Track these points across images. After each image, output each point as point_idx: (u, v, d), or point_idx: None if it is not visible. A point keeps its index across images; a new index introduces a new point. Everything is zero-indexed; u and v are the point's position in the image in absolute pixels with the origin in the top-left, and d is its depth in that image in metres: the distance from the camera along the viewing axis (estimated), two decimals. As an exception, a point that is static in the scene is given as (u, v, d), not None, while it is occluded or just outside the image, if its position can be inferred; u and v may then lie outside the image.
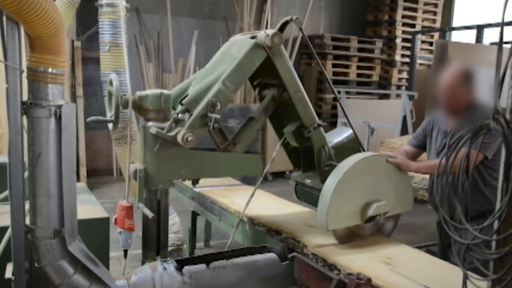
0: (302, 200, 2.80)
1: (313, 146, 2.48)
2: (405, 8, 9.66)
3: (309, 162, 2.57)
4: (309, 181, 2.59)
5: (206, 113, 2.15)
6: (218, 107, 2.17)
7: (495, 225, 1.33)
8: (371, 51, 9.61)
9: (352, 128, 2.64)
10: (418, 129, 2.96)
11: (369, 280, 1.88)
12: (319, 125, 2.45)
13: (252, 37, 2.30)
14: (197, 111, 2.16)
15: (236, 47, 2.37)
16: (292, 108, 2.41)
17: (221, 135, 2.39)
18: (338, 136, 2.66)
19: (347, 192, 2.27)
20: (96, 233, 2.65)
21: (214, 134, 2.36)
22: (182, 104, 2.24)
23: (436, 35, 9.74)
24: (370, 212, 2.31)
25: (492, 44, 8.06)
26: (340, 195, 2.25)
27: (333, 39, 9.22)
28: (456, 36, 9.07)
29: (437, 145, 2.71)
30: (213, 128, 2.15)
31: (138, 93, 2.30)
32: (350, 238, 2.39)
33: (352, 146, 2.59)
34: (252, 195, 2.75)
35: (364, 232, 2.44)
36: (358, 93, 9.37)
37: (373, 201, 2.32)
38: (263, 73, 2.45)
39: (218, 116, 2.15)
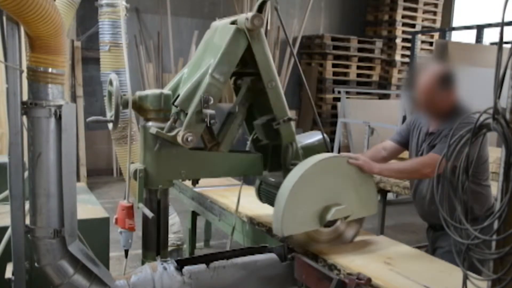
0: (264, 202, 2.67)
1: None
2: (405, 8, 9.67)
3: (277, 162, 2.48)
4: (272, 179, 2.49)
5: (201, 110, 2.13)
6: (211, 102, 2.14)
7: (495, 225, 1.33)
8: (371, 51, 9.61)
9: (322, 132, 2.52)
10: (403, 125, 2.82)
11: (369, 280, 1.88)
12: (289, 119, 2.36)
13: (233, 22, 2.25)
14: (191, 109, 2.14)
15: (218, 35, 2.32)
16: (265, 100, 2.34)
17: (210, 134, 2.35)
18: (309, 138, 2.56)
19: (304, 195, 2.15)
20: (96, 233, 2.65)
21: (203, 133, 2.31)
22: (176, 106, 2.22)
23: (436, 35, 9.74)
24: (329, 216, 2.18)
25: (492, 44, 8.06)
26: (297, 198, 2.13)
27: (333, 39, 9.23)
28: (456, 36, 9.07)
29: (418, 147, 2.60)
30: (210, 124, 2.13)
31: (138, 93, 2.30)
32: (308, 244, 2.29)
33: (322, 150, 2.46)
34: (239, 193, 2.73)
35: (321, 238, 2.31)
36: (358, 93, 9.38)
37: (333, 205, 2.20)
38: (240, 61, 2.34)
39: (213, 112, 2.13)
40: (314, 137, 2.55)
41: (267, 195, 2.59)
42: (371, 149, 2.99)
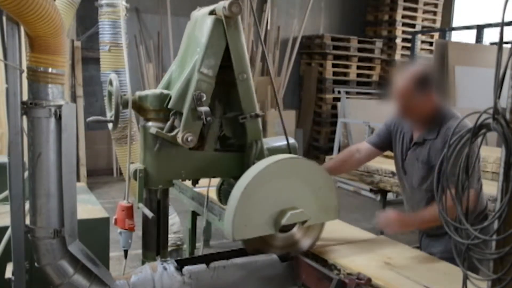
0: (223, 203, 2.56)
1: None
2: (405, 8, 9.69)
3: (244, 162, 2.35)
4: (233, 180, 2.34)
5: (195, 108, 2.10)
6: (204, 98, 2.11)
7: (495, 225, 1.33)
8: (371, 51, 9.62)
9: (286, 136, 2.39)
10: (382, 127, 2.66)
11: (369, 280, 1.88)
12: (257, 115, 2.25)
13: (211, 12, 2.18)
14: (186, 109, 2.12)
15: (199, 28, 2.26)
16: (236, 95, 2.24)
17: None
18: (278, 141, 2.44)
19: (258, 197, 2.02)
20: (96, 233, 2.65)
21: None
22: (168, 109, 2.19)
23: (436, 35, 9.76)
24: (284, 220, 2.05)
25: (492, 44, 8.07)
26: (250, 200, 2.00)
27: (333, 39, 9.24)
28: (456, 36, 9.09)
29: (402, 155, 2.51)
30: (206, 121, 2.09)
31: (138, 93, 2.30)
32: (261, 249, 2.17)
33: (290, 153, 2.35)
34: (207, 192, 2.74)
35: (276, 243, 2.18)
36: (358, 93, 9.39)
37: (289, 209, 2.07)
38: None
39: (208, 109, 2.10)
40: (284, 141, 2.43)
41: (226, 196, 2.42)
42: (343, 152, 2.84)
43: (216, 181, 3.46)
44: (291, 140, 2.44)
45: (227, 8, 2.06)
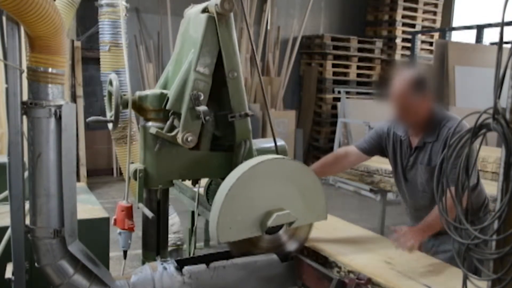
0: (211, 203, 2.42)
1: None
2: (405, 8, 9.69)
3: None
4: (221, 180, 2.28)
5: (194, 107, 2.10)
6: (202, 97, 2.10)
7: (495, 225, 1.33)
8: (371, 51, 9.62)
9: (274, 138, 2.36)
10: (372, 134, 2.68)
11: (369, 280, 1.88)
12: (246, 114, 2.22)
13: (204, 10, 2.17)
14: (184, 109, 2.12)
15: (192, 26, 2.25)
16: (227, 93, 2.22)
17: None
18: (268, 143, 2.41)
19: (243, 199, 1.98)
20: (96, 233, 2.65)
21: None
22: (166, 109, 2.19)
23: (436, 35, 9.77)
24: (270, 222, 2.00)
25: (492, 44, 8.07)
26: (235, 202, 1.97)
27: (333, 39, 9.24)
28: (456, 36, 9.09)
29: (403, 160, 2.52)
30: (205, 120, 2.09)
31: (138, 93, 2.30)
32: (248, 250, 2.13)
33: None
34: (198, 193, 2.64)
35: (262, 245, 2.13)
36: (358, 93, 9.39)
37: (275, 210, 2.03)
38: None
39: (206, 108, 2.09)
40: (273, 142, 2.40)
41: (214, 196, 2.35)
42: (331, 154, 2.81)
43: (216, 181, 3.47)
44: (281, 142, 2.42)
45: (219, 5, 2.05)
